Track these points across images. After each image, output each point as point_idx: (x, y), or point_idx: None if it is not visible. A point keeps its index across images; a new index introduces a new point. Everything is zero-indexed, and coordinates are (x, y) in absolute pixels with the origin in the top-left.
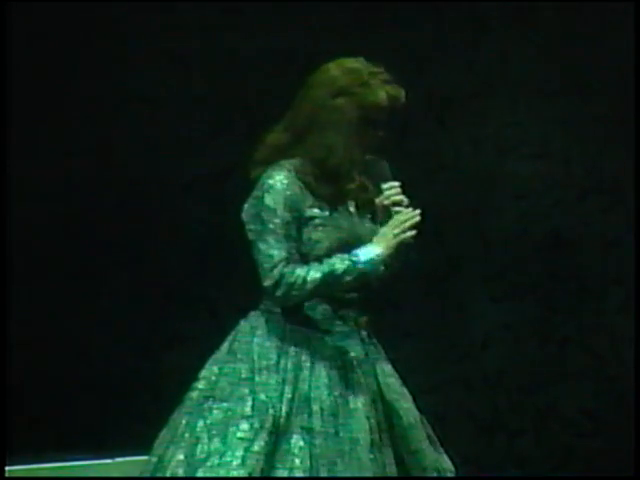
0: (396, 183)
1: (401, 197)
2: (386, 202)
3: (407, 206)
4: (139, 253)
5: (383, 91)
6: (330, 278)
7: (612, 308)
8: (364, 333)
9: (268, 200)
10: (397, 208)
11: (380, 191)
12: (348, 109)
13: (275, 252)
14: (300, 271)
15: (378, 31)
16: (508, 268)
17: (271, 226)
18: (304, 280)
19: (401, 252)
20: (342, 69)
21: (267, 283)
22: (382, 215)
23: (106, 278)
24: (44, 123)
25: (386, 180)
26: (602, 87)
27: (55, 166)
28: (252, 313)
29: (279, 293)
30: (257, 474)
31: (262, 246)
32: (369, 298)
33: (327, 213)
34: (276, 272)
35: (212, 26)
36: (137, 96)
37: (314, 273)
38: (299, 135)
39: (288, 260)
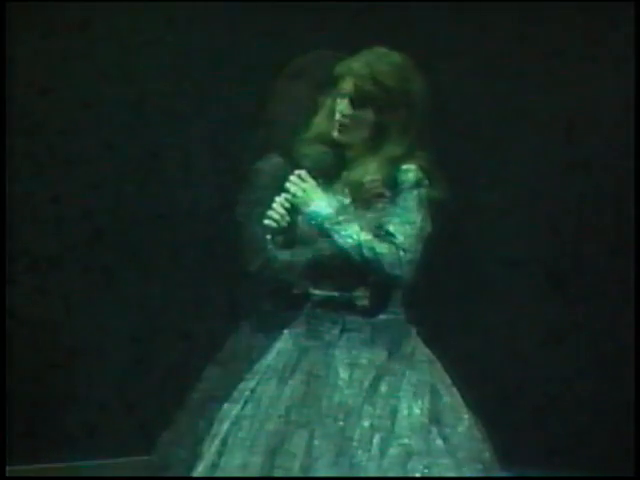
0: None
1: None
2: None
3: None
4: (142, 252)
5: None
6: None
7: (612, 308)
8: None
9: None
10: None
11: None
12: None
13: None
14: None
15: (378, 31)
16: (508, 267)
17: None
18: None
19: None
20: None
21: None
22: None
23: (108, 278)
24: (44, 123)
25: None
26: (602, 87)
27: (57, 165)
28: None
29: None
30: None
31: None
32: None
33: None
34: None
35: (212, 27)
36: (137, 96)
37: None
38: None
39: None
